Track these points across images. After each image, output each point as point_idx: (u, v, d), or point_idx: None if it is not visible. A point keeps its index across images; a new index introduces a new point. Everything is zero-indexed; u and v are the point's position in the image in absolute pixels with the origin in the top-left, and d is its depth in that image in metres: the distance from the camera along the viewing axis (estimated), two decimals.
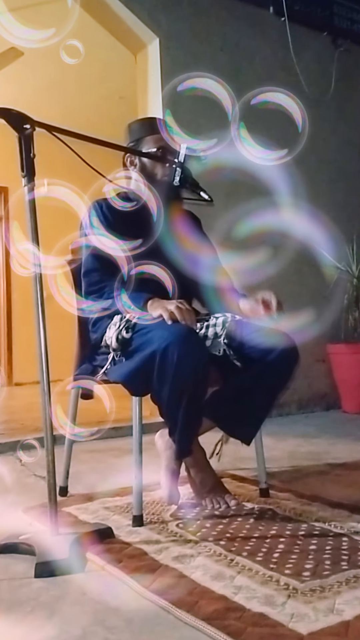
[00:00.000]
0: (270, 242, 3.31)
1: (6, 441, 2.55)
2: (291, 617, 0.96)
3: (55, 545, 1.26)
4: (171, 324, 1.44)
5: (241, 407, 1.55)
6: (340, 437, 2.69)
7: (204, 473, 1.62)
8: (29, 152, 1.33)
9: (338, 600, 1.02)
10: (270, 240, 3.27)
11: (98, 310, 1.59)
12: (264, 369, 1.50)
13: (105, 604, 1.06)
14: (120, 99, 5.08)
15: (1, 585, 1.16)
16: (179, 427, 1.46)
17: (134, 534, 1.40)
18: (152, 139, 1.68)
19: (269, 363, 1.49)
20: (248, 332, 1.57)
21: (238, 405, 1.55)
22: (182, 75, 1.67)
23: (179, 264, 1.60)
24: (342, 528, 1.40)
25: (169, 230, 1.62)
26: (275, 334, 1.53)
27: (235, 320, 1.59)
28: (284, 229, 3.15)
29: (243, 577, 1.13)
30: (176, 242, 1.60)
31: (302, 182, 3.77)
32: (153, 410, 1.65)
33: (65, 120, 2.17)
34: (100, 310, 1.58)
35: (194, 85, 1.62)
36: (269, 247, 3.31)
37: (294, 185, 3.72)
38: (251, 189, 3.18)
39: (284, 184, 3.21)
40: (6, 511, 1.63)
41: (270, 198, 3.29)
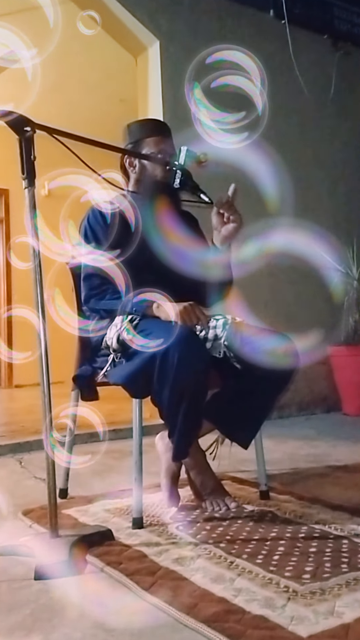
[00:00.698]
0: (275, 261, 3.30)
1: (6, 443, 2.55)
2: (291, 620, 0.96)
3: (55, 547, 1.26)
4: (172, 325, 1.44)
5: (240, 410, 1.55)
6: (341, 440, 2.68)
7: (204, 475, 1.62)
8: (29, 155, 1.33)
9: (338, 603, 1.01)
10: (275, 259, 3.26)
11: (99, 316, 1.59)
12: (264, 371, 1.50)
13: (105, 607, 1.06)
14: (120, 102, 5.09)
15: (1, 587, 1.16)
16: (178, 429, 1.45)
17: (134, 536, 1.39)
18: (151, 141, 1.68)
19: (269, 365, 1.49)
20: (248, 334, 1.57)
21: (237, 407, 1.55)
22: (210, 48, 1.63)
23: (176, 267, 1.59)
24: (342, 530, 1.39)
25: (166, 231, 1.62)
26: (275, 336, 1.53)
27: (235, 322, 1.59)
28: (286, 245, 3.15)
29: (243, 580, 1.13)
30: (173, 244, 1.60)
31: (302, 185, 3.78)
32: (153, 413, 1.65)
33: (65, 123, 2.17)
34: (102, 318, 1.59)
35: (222, 58, 1.59)
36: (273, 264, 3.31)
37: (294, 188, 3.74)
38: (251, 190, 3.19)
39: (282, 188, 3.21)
40: (6, 513, 1.63)
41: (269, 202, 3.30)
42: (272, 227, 2.97)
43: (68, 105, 5.10)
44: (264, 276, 3.52)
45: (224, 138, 1.52)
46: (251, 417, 1.57)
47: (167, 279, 1.57)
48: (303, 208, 3.74)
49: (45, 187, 5.40)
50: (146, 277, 1.62)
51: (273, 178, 2.96)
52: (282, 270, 3.59)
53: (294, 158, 3.74)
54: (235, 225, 1.62)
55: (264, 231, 2.86)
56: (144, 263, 1.59)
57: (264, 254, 2.98)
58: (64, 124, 1.55)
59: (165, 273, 1.56)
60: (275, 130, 3.59)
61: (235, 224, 1.62)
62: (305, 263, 3.34)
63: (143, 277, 1.62)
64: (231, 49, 1.59)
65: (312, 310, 3.67)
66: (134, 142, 1.70)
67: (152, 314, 1.52)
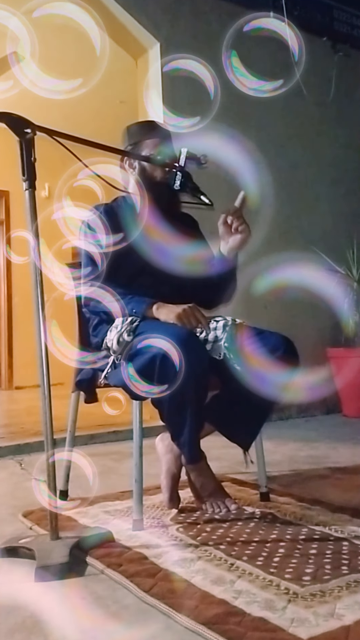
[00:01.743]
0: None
1: (6, 445, 2.55)
2: (291, 622, 0.96)
3: (55, 549, 1.26)
4: (172, 327, 1.44)
5: (241, 411, 1.55)
6: (341, 441, 2.68)
7: (204, 477, 1.62)
8: (30, 156, 1.34)
9: (338, 605, 1.01)
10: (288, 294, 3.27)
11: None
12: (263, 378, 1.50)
13: (105, 609, 1.05)
14: (120, 104, 5.09)
15: (1, 589, 1.16)
16: (185, 433, 1.46)
17: (134, 538, 1.39)
18: (151, 142, 1.67)
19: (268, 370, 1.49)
20: (248, 336, 1.57)
21: (238, 409, 1.55)
22: (167, 57, 1.67)
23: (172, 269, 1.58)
24: (342, 532, 1.39)
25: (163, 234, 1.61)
26: (275, 337, 1.53)
27: (235, 323, 1.59)
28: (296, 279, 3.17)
29: (243, 582, 1.13)
30: (169, 246, 1.59)
31: (302, 186, 3.79)
32: (153, 414, 1.65)
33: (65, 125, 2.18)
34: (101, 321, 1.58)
35: (177, 67, 1.64)
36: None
37: (294, 189, 3.74)
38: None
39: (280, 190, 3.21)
40: (6, 515, 1.63)
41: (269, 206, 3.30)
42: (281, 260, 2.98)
43: (68, 107, 5.10)
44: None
45: (257, 85, 1.53)
46: (252, 419, 1.57)
47: (166, 281, 1.57)
48: (303, 209, 3.75)
49: (46, 188, 5.41)
50: (145, 280, 1.62)
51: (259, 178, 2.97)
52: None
53: (293, 159, 3.75)
54: (243, 236, 1.61)
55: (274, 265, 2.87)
56: (142, 266, 1.59)
57: (275, 288, 3.01)
58: (64, 126, 1.55)
59: (165, 276, 1.56)
60: (275, 132, 3.60)
61: (242, 234, 1.61)
62: (315, 296, 3.34)
63: (141, 281, 1.63)
64: (267, 15, 1.63)
65: (312, 312, 3.67)
66: (134, 144, 1.69)
67: (152, 316, 1.52)
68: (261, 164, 3.58)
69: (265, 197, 3.56)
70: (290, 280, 3.15)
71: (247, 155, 2.13)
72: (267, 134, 3.56)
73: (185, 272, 1.58)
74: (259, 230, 3.63)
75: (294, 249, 3.65)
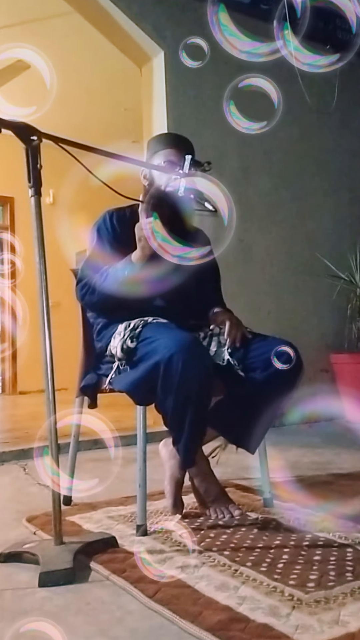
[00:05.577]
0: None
1: (10, 450, 2.56)
2: (296, 629, 0.96)
3: (59, 554, 1.26)
4: (176, 333, 1.44)
5: (245, 417, 1.55)
6: (345, 447, 2.67)
7: (208, 483, 1.62)
8: (35, 163, 1.35)
9: (343, 612, 1.01)
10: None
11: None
12: (268, 379, 1.50)
13: (109, 614, 1.05)
14: (125, 111, 5.13)
15: (5, 594, 1.16)
16: (184, 438, 1.46)
17: (138, 543, 1.39)
18: (162, 153, 1.69)
19: (272, 372, 1.49)
20: (252, 342, 1.58)
21: (242, 414, 1.55)
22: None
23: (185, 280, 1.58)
24: (346, 539, 1.39)
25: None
26: (278, 342, 1.54)
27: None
28: None
29: (247, 588, 1.12)
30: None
31: (306, 193, 3.80)
32: (157, 420, 1.66)
33: (71, 132, 2.20)
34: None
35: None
36: None
37: (298, 196, 3.76)
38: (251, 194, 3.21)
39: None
40: (10, 520, 1.63)
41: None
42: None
43: (73, 114, 5.14)
44: (267, 285, 3.54)
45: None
46: (257, 424, 1.57)
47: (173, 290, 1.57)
48: (306, 216, 3.76)
49: (51, 195, 5.44)
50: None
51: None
52: (284, 279, 3.60)
53: (297, 167, 3.76)
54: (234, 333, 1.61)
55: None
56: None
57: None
58: (69, 133, 1.57)
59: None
60: (279, 140, 3.62)
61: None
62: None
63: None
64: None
65: (315, 318, 3.68)
66: (151, 155, 1.72)
67: (139, 261, 1.51)
68: (265, 172, 3.61)
69: (269, 205, 3.58)
70: (294, 285, 3.15)
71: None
72: (271, 142, 3.57)
73: (190, 282, 1.59)
74: (263, 236, 3.68)
75: (298, 255, 3.67)
